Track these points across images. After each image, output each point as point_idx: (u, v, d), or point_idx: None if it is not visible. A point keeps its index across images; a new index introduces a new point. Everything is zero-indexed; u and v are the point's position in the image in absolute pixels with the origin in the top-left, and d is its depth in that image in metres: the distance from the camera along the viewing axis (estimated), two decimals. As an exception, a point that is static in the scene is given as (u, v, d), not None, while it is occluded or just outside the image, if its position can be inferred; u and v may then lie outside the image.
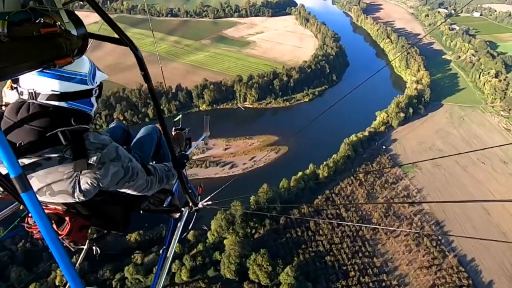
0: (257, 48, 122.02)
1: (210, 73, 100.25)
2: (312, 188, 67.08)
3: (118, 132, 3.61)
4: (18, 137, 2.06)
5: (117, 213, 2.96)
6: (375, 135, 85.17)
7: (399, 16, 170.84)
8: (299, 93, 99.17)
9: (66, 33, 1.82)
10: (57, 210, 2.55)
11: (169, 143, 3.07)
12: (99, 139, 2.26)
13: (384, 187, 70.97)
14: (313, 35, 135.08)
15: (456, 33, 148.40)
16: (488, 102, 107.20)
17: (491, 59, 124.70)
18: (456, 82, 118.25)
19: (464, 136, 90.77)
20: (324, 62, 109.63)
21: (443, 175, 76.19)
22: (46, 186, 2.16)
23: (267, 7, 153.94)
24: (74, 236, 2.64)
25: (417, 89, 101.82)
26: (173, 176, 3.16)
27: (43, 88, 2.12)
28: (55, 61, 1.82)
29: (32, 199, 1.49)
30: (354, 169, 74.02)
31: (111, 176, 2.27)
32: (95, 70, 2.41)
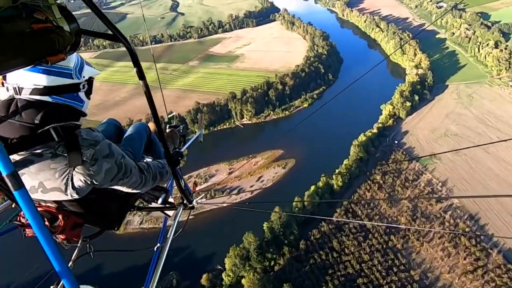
0: (247, 61, 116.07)
1: (202, 95, 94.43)
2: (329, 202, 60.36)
3: (111, 128, 3.43)
4: (9, 133, 2.00)
5: (111, 210, 2.88)
6: (385, 131, 78.29)
7: (384, 3, 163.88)
8: (297, 100, 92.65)
9: (58, 29, 1.76)
10: (49, 208, 2.45)
11: (163, 140, 2.91)
12: (91, 135, 2.19)
13: (405, 186, 63.90)
14: (301, 37, 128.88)
15: (445, 10, 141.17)
16: (494, 75, 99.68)
17: (487, 30, 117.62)
18: (456, 59, 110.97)
19: (477, 115, 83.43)
20: (318, 63, 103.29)
21: (465, 161, 68.91)
22: (38, 183, 2.09)
23: (250, 18, 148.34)
24: (67, 234, 2.54)
25: (418, 74, 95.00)
26: (167, 173, 3.03)
27: (26, 82, 2.06)
28: (48, 58, 1.74)
29: (24, 197, 1.47)
30: (369, 171, 67.04)
31: (105, 173, 2.20)
32: (82, 64, 2.33)
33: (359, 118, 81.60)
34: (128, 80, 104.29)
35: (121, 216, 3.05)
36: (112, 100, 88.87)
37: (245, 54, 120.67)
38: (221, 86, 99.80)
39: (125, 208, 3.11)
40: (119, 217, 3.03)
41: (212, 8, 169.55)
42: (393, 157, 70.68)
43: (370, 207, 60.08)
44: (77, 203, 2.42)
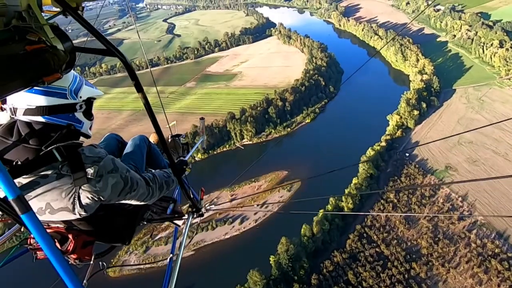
0: (245, 78, 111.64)
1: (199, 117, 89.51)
2: (340, 227, 54.42)
3: (112, 143, 3.38)
4: (13, 156, 1.98)
5: (120, 225, 2.81)
6: (394, 143, 72.41)
7: (381, 10, 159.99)
8: (298, 115, 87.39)
9: (52, 48, 1.74)
10: (59, 228, 2.43)
11: (167, 150, 2.78)
12: (94, 152, 2.17)
13: (422, 204, 57.67)
14: (299, 50, 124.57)
15: (443, 12, 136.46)
16: (502, 75, 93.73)
17: (489, 30, 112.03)
18: (461, 62, 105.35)
19: (490, 119, 77.05)
20: (317, 76, 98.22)
21: (485, 171, 62.75)
22: (46, 205, 2.06)
23: (246, 35, 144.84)
24: (78, 253, 2.51)
25: (423, 80, 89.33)
26: (173, 182, 2.95)
27: (20, 102, 2.04)
28: (44, 78, 1.72)
29: (32, 219, 1.44)
30: (381, 189, 61.00)
31: (111, 188, 2.17)
32: (81, 85, 2.28)
33: (365, 131, 76.02)
34: (125, 106, 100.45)
35: (131, 230, 2.97)
36: (109, 128, 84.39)
37: (243, 72, 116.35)
38: (219, 106, 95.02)
39: (134, 221, 3.01)
40: (129, 231, 2.94)
41: (208, 28, 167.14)
42: (405, 171, 64.57)
43: (386, 230, 53.86)
44: (85, 221, 2.39)
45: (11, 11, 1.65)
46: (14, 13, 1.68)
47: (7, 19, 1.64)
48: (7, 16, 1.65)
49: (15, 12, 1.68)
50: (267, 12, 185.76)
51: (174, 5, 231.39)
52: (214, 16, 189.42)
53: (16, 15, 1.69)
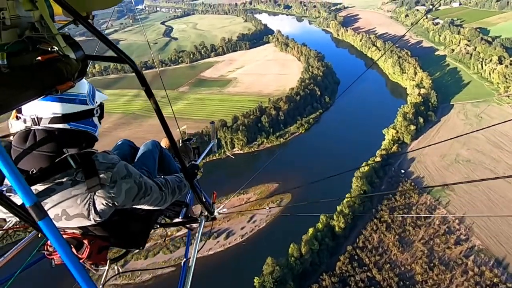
0: (239, 85, 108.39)
1: (191, 123, 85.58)
2: (330, 247, 50.87)
3: (125, 149, 3.39)
4: (29, 164, 2.00)
5: (135, 230, 2.85)
6: (389, 158, 69.12)
7: (379, 21, 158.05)
8: (292, 125, 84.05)
9: (64, 57, 1.77)
10: (75, 234, 2.45)
11: (178, 154, 2.72)
12: (108, 158, 2.17)
13: (418, 225, 54.33)
14: (295, 59, 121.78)
15: (442, 26, 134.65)
16: (501, 92, 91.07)
17: (488, 45, 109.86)
18: (459, 77, 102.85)
19: (489, 137, 74.26)
20: (313, 85, 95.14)
21: (483, 192, 59.52)
22: (62, 211, 2.09)
23: (243, 41, 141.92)
24: (94, 258, 2.51)
25: (421, 94, 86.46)
26: (185, 186, 2.92)
27: (44, 112, 2.07)
28: (57, 87, 1.75)
29: (49, 226, 1.47)
30: (375, 208, 57.61)
31: (125, 194, 2.18)
32: (94, 91, 2.38)
33: (360, 144, 72.81)
34: (115, 109, 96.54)
35: (145, 234, 2.99)
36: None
37: (237, 78, 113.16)
38: (212, 112, 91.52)
39: (148, 226, 3.05)
40: (143, 236, 2.96)
41: (205, 32, 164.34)
42: (400, 189, 61.32)
43: (379, 252, 50.39)
44: (100, 226, 2.41)
45: (24, 22, 1.71)
46: (27, 24, 1.73)
47: (20, 30, 1.70)
48: (21, 27, 1.70)
49: (28, 23, 1.74)
50: (265, 19, 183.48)
51: (173, 8, 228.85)
52: (213, 20, 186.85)
53: (29, 26, 1.75)
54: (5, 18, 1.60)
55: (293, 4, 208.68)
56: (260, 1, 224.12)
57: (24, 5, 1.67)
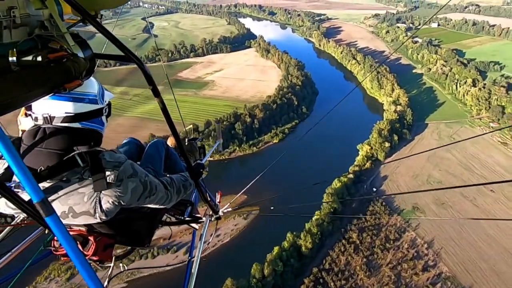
0: (216, 88, 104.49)
1: (161, 125, 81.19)
2: (295, 268, 47.65)
3: (132, 148, 3.40)
4: (38, 161, 1.99)
5: (140, 228, 2.83)
6: (362, 175, 67.04)
7: (361, 35, 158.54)
8: (266, 134, 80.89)
9: (73, 56, 1.80)
10: (81, 231, 2.47)
11: (184, 154, 2.80)
12: (114, 157, 2.16)
13: (386, 248, 52.06)
14: (276, 66, 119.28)
15: (421, 45, 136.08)
16: (474, 115, 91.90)
17: (463, 67, 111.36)
18: (434, 96, 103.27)
19: (460, 159, 73.90)
20: (291, 94, 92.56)
21: (452, 215, 58.27)
22: (68, 209, 2.09)
23: (225, 43, 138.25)
24: (99, 255, 2.54)
25: (397, 111, 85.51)
26: (190, 185, 2.91)
27: (57, 111, 2.07)
28: (65, 85, 1.77)
29: (56, 222, 1.47)
30: (344, 227, 55.04)
31: (131, 193, 2.16)
32: (103, 90, 2.38)
33: (334, 158, 70.56)
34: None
35: (150, 233, 2.97)
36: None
37: (215, 81, 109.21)
38: (184, 115, 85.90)
39: (153, 224, 3.03)
40: (148, 234, 2.93)
41: (187, 32, 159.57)
42: (371, 208, 59.08)
43: (345, 276, 47.64)
44: (106, 224, 2.41)
45: (34, 20, 1.76)
46: (37, 23, 1.79)
47: (30, 29, 1.74)
48: (30, 25, 1.75)
49: (38, 21, 1.79)
50: (249, 23, 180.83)
51: (157, 4, 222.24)
52: (195, 20, 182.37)
53: (39, 25, 1.80)
54: (15, 17, 1.63)
55: (278, 11, 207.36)
56: (245, 5, 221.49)
57: (34, 4, 1.71)
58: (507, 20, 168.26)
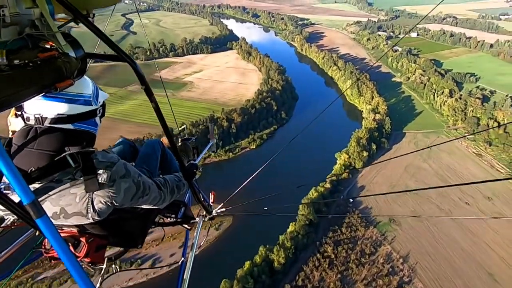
0: (195, 90, 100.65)
1: (133, 126, 77.20)
2: (266, 285, 44.80)
3: (125, 148, 3.36)
4: (29, 162, 1.95)
5: (133, 229, 2.77)
6: (339, 185, 64.99)
7: (343, 42, 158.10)
8: (244, 140, 77.83)
9: (64, 55, 1.75)
10: (72, 232, 2.41)
11: (177, 154, 2.80)
12: (107, 157, 2.12)
13: (361, 263, 49.96)
14: (256, 69, 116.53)
15: (401, 54, 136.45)
16: (450, 125, 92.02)
17: (441, 77, 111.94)
18: (412, 105, 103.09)
19: (436, 170, 73.25)
20: (270, 99, 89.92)
21: (428, 229, 56.93)
22: (60, 209, 2.04)
23: (206, 44, 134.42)
24: (91, 257, 2.47)
25: (376, 120, 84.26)
26: (184, 186, 2.86)
27: (49, 112, 2.01)
28: (56, 85, 1.73)
29: (47, 224, 1.44)
30: (319, 240, 52.62)
31: (124, 193, 2.12)
32: (98, 91, 2.32)
33: (311, 166, 68.12)
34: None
35: (143, 233, 2.89)
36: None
37: (194, 82, 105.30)
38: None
39: (146, 225, 2.96)
40: (141, 235, 2.85)
41: (168, 30, 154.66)
42: (347, 220, 56.99)
43: (317, 293, 45.21)
44: (98, 225, 2.37)
45: (24, 19, 1.70)
46: (28, 22, 1.72)
47: (20, 28, 1.68)
48: (21, 24, 1.69)
49: (29, 20, 1.72)
50: (232, 25, 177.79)
51: (139, 1, 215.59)
52: (177, 19, 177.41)
53: (29, 24, 1.73)
54: (5, 16, 1.59)
55: (261, 13, 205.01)
56: (229, 6, 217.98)
57: (25, 3, 1.68)
58: (482, 33, 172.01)
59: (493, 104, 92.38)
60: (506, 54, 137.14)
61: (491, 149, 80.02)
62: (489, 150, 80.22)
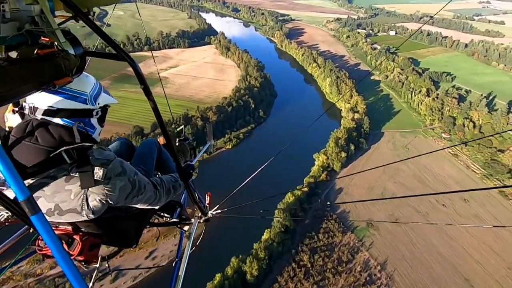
0: (169, 86, 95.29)
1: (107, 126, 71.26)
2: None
3: (122, 147, 3.26)
4: (25, 157, 1.90)
5: (127, 228, 2.71)
6: (316, 188, 62.13)
7: (323, 38, 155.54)
8: (219, 139, 73.74)
9: (63, 52, 1.75)
10: (67, 230, 2.36)
11: (174, 154, 2.70)
12: (103, 155, 2.08)
13: (338, 271, 47.31)
14: (235, 65, 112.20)
15: (379, 52, 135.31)
16: (427, 124, 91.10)
17: (418, 76, 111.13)
18: (390, 104, 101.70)
19: (414, 171, 71.69)
20: (248, 97, 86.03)
21: (405, 233, 55.07)
22: (55, 206, 2.00)
23: (183, 38, 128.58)
24: (85, 255, 2.42)
25: (355, 119, 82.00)
26: (180, 186, 2.81)
27: (41, 103, 1.99)
28: (55, 82, 1.74)
29: (41, 221, 1.41)
30: (295, 248, 49.64)
31: (119, 191, 2.08)
32: (100, 92, 2.24)
33: (289, 168, 64.82)
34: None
35: (138, 233, 2.83)
36: None
37: (169, 78, 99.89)
38: (130, 115, 77.60)
39: (141, 225, 2.91)
40: (136, 235, 2.80)
41: (144, 23, 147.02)
42: (324, 225, 54.29)
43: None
44: (93, 223, 2.32)
45: (24, 16, 1.67)
46: (27, 18, 1.70)
47: (20, 24, 1.66)
48: (20, 20, 1.67)
49: (29, 17, 1.70)
50: (211, 19, 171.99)
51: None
52: (154, 12, 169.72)
53: (29, 20, 1.70)
54: (5, 11, 1.57)
55: (242, 8, 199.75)
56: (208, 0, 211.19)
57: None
58: (457, 32, 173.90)
59: (469, 104, 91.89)
60: (480, 54, 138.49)
61: (467, 149, 79.35)
62: (464, 150, 79.57)
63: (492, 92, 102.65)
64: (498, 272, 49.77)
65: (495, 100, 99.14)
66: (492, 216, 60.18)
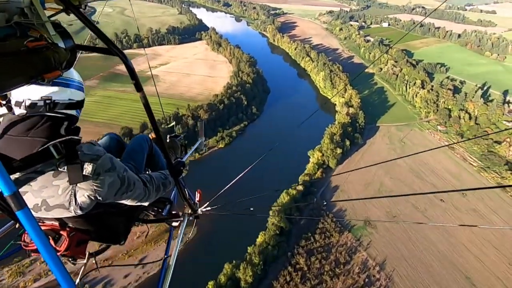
0: (160, 84, 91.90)
1: (91, 126, 68.43)
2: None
3: (112, 142, 3.18)
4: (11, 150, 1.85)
5: (116, 225, 2.66)
6: (312, 186, 59.97)
7: (315, 32, 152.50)
8: (211, 138, 71.10)
9: (53, 46, 1.69)
10: (53, 225, 2.30)
11: (165, 151, 2.68)
12: (92, 150, 2.02)
13: (336, 274, 45.27)
14: (227, 61, 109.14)
15: (373, 44, 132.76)
16: (422, 117, 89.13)
17: (412, 68, 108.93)
18: (385, 97, 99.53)
19: (410, 165, 69.60)
20: (240, 93, 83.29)
21: (404, 231, 53.14)
22: (42, 201, 1.93)
23: (173, 34, 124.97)
24: (72, 251, 2.36)
25: (349, 114, 79.68)
26: (170, 183, 2.78)
27: (29, 94, 1.92)
28: (44, 75, 1.69)
29: (27, 216, 1.38)
30: (291, 250, 47.49)
31: (108, 187, 2.02)
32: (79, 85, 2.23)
33: (283, 167, 62.52)
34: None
35: (126, 230, 2.77)
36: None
37: (159, 76, 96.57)
38: (119, 115, 74.63)
39: (130, 221, 2.85)
40: (124, 231, 2.74)
41: (133, 20, 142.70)
42: (321, 225, 52.17)
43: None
44: (81, 219, 2.28)
45: (13, 7, 1.62)
46: (17, 9, 1.64)
47: (9, 15, 1.59)
48: (9, 12, 1.61)
49: (18, 8, 1.64)
50: (202, 14, 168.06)
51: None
52: (144, 8, 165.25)
53: (19, 12, 1.65)
54: None
55: (233, 2, 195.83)
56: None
57: None
58: (450, 23, 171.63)
59: (464, 95, 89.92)
60: (473, 44, 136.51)
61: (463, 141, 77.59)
62: (461, 142, 77.78)
63: (487, 83, 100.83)
64: (499, 268, 48.19)
65: (489, 91, 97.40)
66: (491, 210, 58.65)
